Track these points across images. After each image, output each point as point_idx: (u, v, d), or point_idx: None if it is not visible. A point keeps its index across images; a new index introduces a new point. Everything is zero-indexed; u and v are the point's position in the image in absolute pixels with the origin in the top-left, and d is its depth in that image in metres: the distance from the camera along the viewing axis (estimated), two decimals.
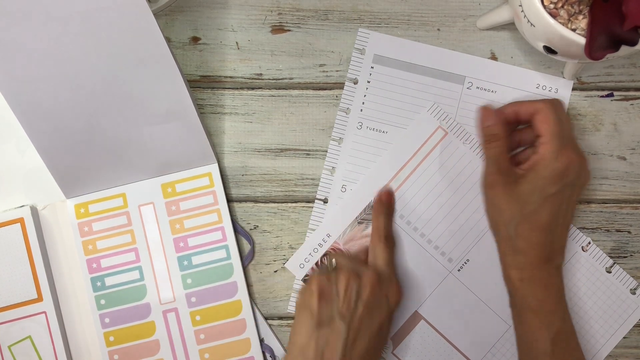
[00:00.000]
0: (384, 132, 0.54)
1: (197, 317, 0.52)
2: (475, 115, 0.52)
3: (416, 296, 0.52)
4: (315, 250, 0.53)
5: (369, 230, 0.52)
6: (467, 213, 0.53)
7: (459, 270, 0.53)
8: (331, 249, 0.53)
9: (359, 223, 0.53)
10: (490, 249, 0.52)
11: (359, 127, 0.54)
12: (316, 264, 0.53)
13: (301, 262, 0.53)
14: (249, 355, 0.52)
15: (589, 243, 0.53)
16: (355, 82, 0.54)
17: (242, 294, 0.52)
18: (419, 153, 0.53)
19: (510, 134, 0.50)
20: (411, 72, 0.54)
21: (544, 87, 0.54)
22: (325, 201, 0.53)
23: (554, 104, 0.48)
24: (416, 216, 0.53)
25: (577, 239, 0.53)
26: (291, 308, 0.54)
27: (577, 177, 0.47)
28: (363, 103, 0.54)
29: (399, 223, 0.53)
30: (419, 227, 0.53)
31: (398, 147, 0.53)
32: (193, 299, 0.52)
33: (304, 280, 0.53)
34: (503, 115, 0.50)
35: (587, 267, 0.52)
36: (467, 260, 0.53)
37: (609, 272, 0.52)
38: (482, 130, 0.50)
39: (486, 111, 0.50)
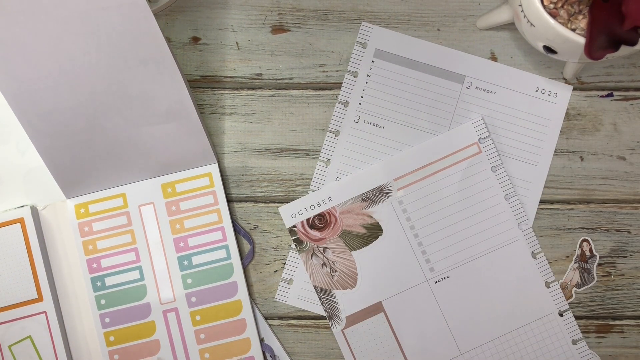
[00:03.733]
0: (381, 127, 0.54)
1: (197, 317, 0.52)
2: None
3: (386, 288, 0.53)
4: (312, 207, 0.53)
5: (369, 210, 0.53)
6: (466, 234, 0.53)
7: (436, 282, 0.52)
8: (326, 212, 0.53)
9: (363, 200, 0.53)
10: (473, 277, 0.52)
11: (357, 121, 0.54)
12: (307, 220, 0.53)
13: (294, 213, 0.53)
14: (249, 355, 0.52)
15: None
16: (355, 76, 0.54)
17: (242, 294, 0.52)
18: (447, 159, 0.53)
19: None
20: (412, 68, 0.54)
21: (544, 91, 0.54)
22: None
23: None
24: (418, 215, 0.53)
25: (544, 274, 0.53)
26: (279, 297, 0.54)
27: None
28: (362, 97, 0.54)
29: (399, 214, 0.53)
30: (416, 227, 0.53)
31: (429, 144, 0.53)
32: (193, 299, 0.52)
33: (291, 230, 0.53)
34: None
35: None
36: (448, 276, 0.53)
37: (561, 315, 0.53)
38: None
39: None
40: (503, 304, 0.52)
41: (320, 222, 0.53)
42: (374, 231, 0.53)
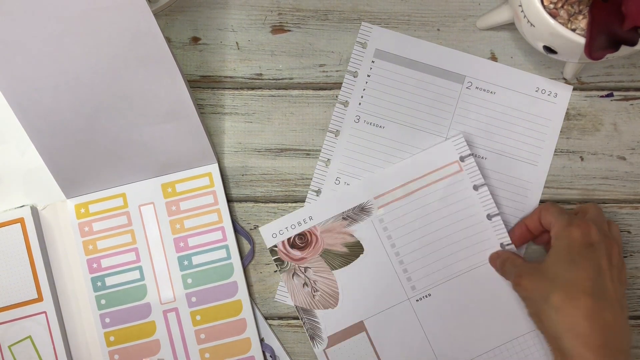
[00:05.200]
0: (381, 127, 0.54)
1: (198, 317, 0.52)
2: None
3: (368, 307, 0.52)
4: (293, 226, 0.53)
5: (350, 229, 0.52)
6: (447, 252, 0.52)
7: (417, 300, 0.52)
8: (307, 231, 0.53)
9: (343, 219, 0.53)
10: (455, 295, 0.52)
11: (357, 121, 0.54)
12: (288, 240, 0.53)
13: (274, 232, 0.53)
14: (249, 354, 0.52)
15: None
16: (355, 76, 0.54)
17: (243, 294, 0.52)
18: (427, 176, 0.52)
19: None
20: (412, 68, 0.54)
21: (544, 91, 0.54)
22: (318, 192, 0.53)
23: (552, 203, 0.50)
24: (399, 233, 0.52)
25: None
26: (279, 297, 0.54)
27: (603, 243, 0.45)
28: (362, 97, 0.54)
29: (380, 233, 0.52)
30: (397, 245, 0.52)
31: (410, 162, 0.53)
32: (193, 299, 0.52)
33: (272, 250, 0.53)
34: (517, 237, 0.52)
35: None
36: (429, 294, 0.52)
37: None
38: (500, 269, 0.51)
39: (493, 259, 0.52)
40: (484, 322, 0.52)
41: (301, 241, 0.53)
42: (355, 250, 0.53)
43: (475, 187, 0.52)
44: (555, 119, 0.54)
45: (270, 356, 0.53)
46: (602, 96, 0.54)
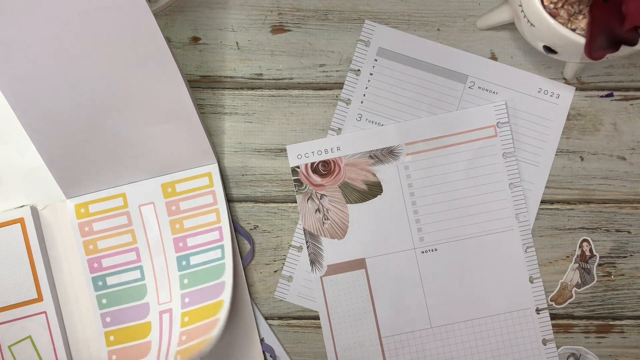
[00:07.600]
0: (382, 125, 0.54)
1: (186, 319, 0.51)
2: None
3: (373, 246, 0.53)
4: (320, 152, 0.53)
5: (374, 167, 0.53)
6: (463, 213, 0.53)
7: (422, 252, 0.53)
8: (332, 160, 0.53)
9: (370, 157, 0.53)
10: (461, 256, 0.53)
11: (358, 119, 0.54)
12: (312, 164, 0.53)
13: (300, 154, 0.53)
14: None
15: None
16: (358, 74, 0.54)
17: (227, 295, 0.51)
18: (461, 135, 0.53)
19: None
20: (414, 67, 0.54)
21: (546, 92, 0.54)
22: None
23: None
24: (421, 184, 0.53)
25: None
26: (278, 294, 0.54)
27: None
28: (364, 95, 0.54)
29: (403, 179, 0.53)
30: (416, 195, 0.53)
31: (447, 117, 0.53)
32: (186, 300, 0.52)
33: (293, 170, 0.53)
34: None
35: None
36: (436, 249, 0.53)
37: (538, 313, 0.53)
38: None
39: None
40: (483, 289, 0.52)
41: (324, 168, 0.53)
42: (374, 189, 0.53)
43: (505, 155, 0.53)
44: (558, 120, 0.54)
45: (270, 356, 0.53)
46: (602, 96, 0.54)
